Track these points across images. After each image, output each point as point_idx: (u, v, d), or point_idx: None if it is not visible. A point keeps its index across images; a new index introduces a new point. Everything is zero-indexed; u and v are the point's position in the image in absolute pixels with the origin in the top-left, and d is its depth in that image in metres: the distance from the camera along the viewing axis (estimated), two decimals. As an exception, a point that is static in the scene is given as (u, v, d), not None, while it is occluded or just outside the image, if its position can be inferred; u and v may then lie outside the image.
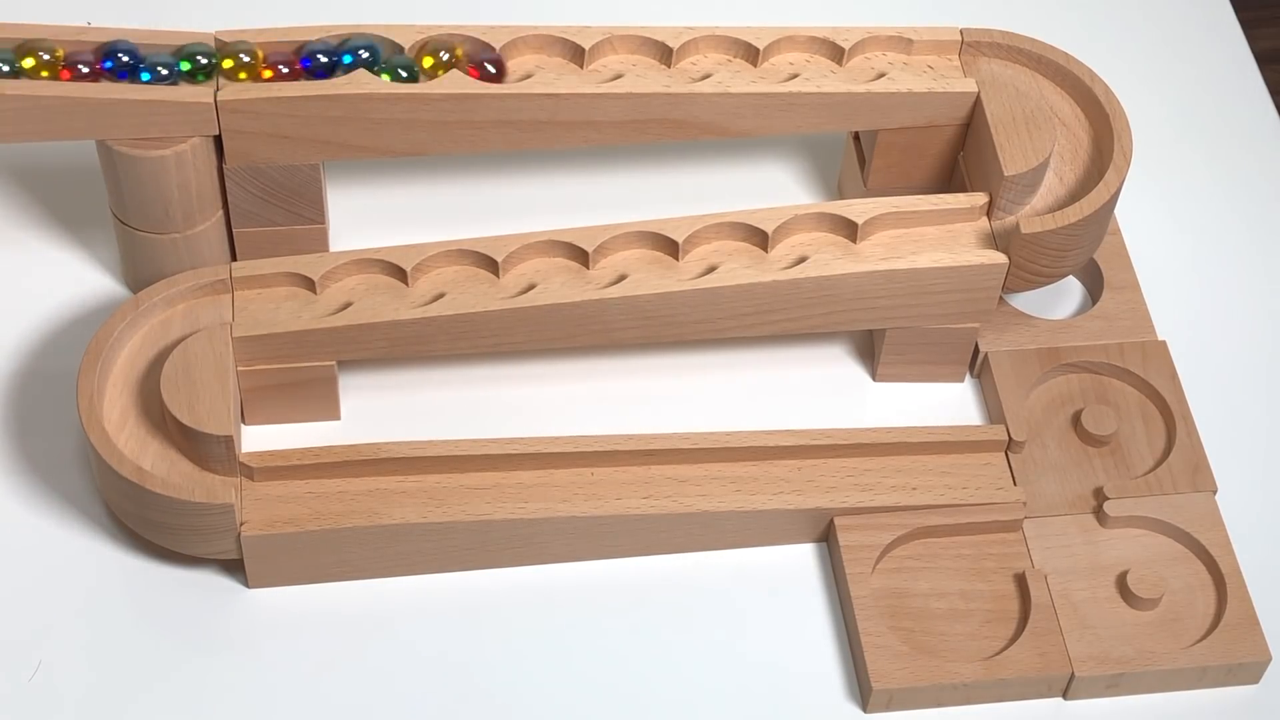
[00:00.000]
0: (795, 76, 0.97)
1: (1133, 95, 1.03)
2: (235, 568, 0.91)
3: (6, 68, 0.91)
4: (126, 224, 0.96)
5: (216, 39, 0.94)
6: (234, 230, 0.98)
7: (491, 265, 0.94)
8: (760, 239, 0.94)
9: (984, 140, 0.96)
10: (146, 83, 0.92)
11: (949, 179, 1.01)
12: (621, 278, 0.93)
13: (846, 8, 1.15)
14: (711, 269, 0.94)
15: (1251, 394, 1.01)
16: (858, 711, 0.89)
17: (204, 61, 0.93)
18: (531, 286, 0.93)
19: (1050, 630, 0.90)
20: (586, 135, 0.97)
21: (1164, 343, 0.99)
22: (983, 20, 1.06)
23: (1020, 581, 0.92)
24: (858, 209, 0.95)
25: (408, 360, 0.98)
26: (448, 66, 0.94)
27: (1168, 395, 0.97)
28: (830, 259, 0.94)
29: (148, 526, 0.89)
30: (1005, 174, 0.94)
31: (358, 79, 0.94)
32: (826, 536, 0.94)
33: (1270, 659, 0.90)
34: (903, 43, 0.99)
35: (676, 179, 1.07)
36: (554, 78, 0.96)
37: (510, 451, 0.91)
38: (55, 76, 0.92)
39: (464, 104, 0.95)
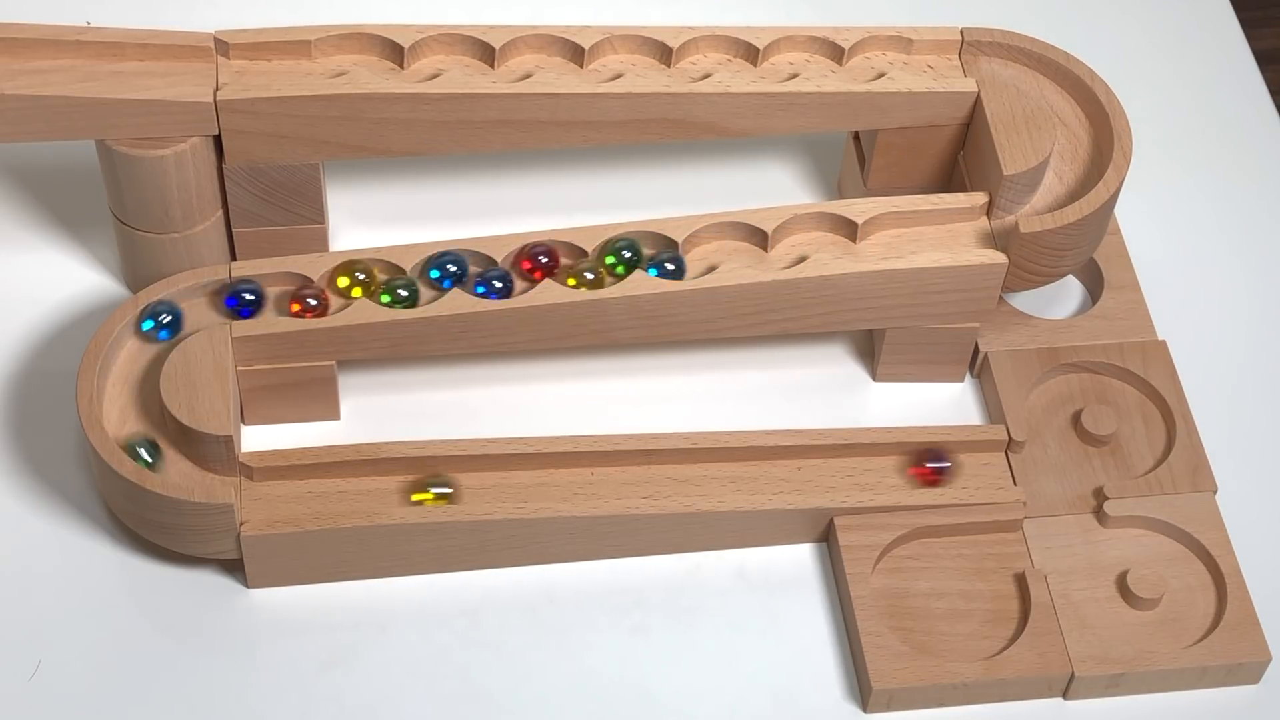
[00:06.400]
0: (795, 76, 0.97)
1: (1133, 95, 1.03)
2: (235, 568, 0.91)
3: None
4: (126, 224, 0.96)
5: None
6: (234, 230, 0.98)
7: (491, 265, 0.94)
8: (760, 239, 0.94)
9: (984, 140, 0.96)
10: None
11: (949, 179, 1.01)
12: (621, 278, 0.93)
13: (846, 8, 1.15)
14: (711, 269, 0.94)
15: (1251, 394, 1.01)
16: (858, 711, 0.89)
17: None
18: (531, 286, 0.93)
19: (1050, 630, 0.90)
20: (586, 135, 0.97)
21: (1164, 342, 0.99)
22: (983, 20, 1.06)
23: (1020, 581, 0.92)
24: (858, 209, 0.95)
25: (408, 360, 0.98)
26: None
27: (1168, 395, 0.97)
28: (830, 259, 0.94)
29: (148, 526, 0.89)
30: (1005, 173, 0.94)
31: (356, 78, 0.94)
32: (826, 536, 0.94)
33: (1270, 659, 0.90)
34: (903, 42, 0.99)
35: (676, 179, 1.07)
36: (554, 78, 0.96)
37: (510, 451, 0.91)
38: None
39: (464, 104, 0.95)
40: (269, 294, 0.93)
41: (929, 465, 0.93)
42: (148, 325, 0.91)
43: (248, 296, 0.92)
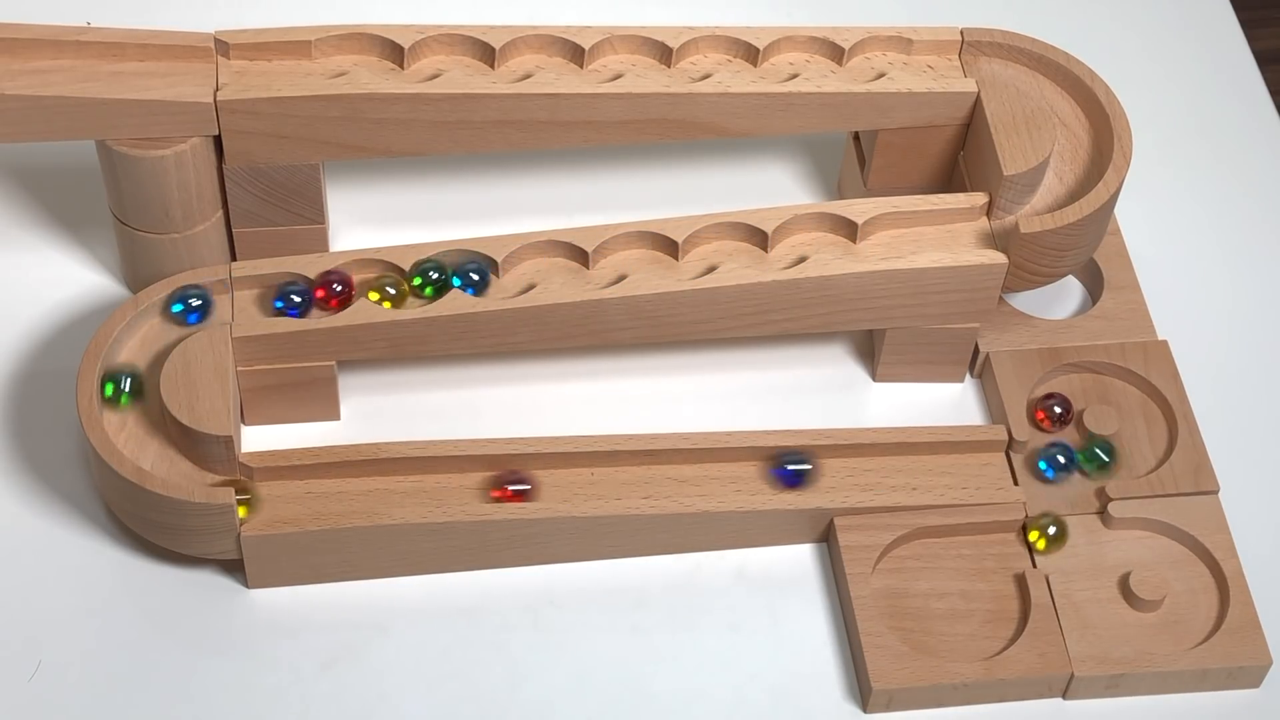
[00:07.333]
0: (795, 76, 0.97)
1: (1133, 95, 1.03)
2: (235, 568, 0.91)
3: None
4: (126, 224, 0.96)
5: None
6: (234, 230, 0.98)
7: (491, 265, 0.94)
8: (760, 239, 0.94)
9: (984, 140, 0.96)
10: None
11: (949, 179, 1.01)
12: (621, 278, 0.93)
13: (846, 8, 1.15)
14: (711, 269, 0.94)
15: (1253, 393, 1.01)
16: (858, 711, 0.89)
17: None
18: (531, 286, 0.93)
19: (1050, 630, 0.90)
20: (586, 135, 0.97)
21: (1165, 342, 0.99)
22: (983, 20, 1.06)
23: (1020, 581, 0.92)
24: (858, 209, 0.95)
25: (408, 360, 0.98)
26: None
27: (1169, 395, 0.97)
28: (830, 259, 0.94)
29: (148, 526, 0.89)
30: (1005, 174, 0.94)
31: (356, 78, 0.94)
32: (826, 536, 0.94)
33: (1271, 663, 0.90)
34: (903, 43, 0.99)
35: (676, 179, 1.07)
36: (554, 78, 0.96)
37: (510, 451, 0.91)
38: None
39: (464, 104, 0.95)
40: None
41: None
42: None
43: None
